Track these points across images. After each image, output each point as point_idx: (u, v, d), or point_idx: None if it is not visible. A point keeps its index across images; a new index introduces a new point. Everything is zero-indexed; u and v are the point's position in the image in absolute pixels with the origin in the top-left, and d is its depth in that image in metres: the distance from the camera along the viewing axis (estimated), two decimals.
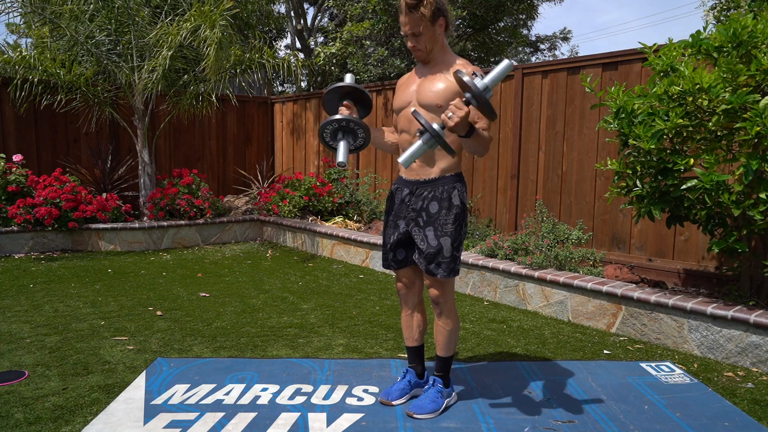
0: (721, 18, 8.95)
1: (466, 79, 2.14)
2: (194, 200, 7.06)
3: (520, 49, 16.65)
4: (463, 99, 2.18)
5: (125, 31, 6.96)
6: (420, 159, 2.55)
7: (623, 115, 3.60)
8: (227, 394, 2.82)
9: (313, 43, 13.65)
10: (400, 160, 2.21)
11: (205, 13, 6.25)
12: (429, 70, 2.57)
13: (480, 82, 2.13)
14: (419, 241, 2.57)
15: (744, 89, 3.09)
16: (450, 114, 2.15)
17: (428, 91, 2.51)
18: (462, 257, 4.83)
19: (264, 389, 2.88)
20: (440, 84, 2.48)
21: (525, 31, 14.20)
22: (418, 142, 2.19)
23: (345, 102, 2.58)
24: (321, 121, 8.23)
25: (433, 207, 2.54)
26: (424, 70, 2.60)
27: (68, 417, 2.56)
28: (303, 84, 11.97)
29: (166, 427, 2.49)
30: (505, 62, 2.14)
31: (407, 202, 2.62)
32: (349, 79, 2.59)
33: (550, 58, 16.89)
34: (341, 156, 2.45)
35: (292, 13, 13.40)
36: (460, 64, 2.51)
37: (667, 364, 3.31)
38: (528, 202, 5.65)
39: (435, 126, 2.17)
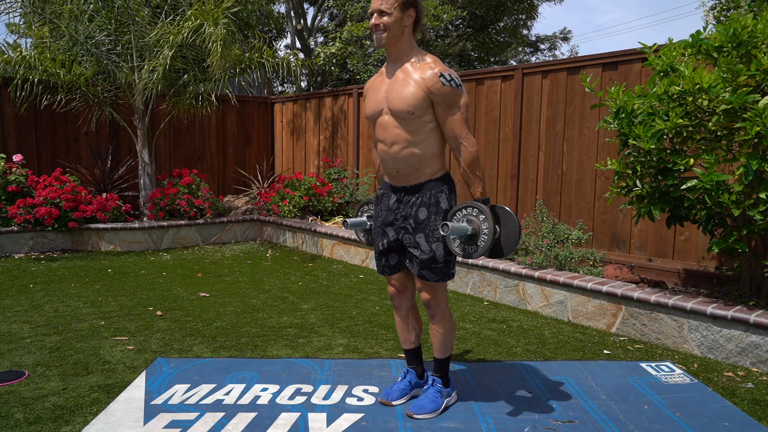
0: (721, 18, 8.95)
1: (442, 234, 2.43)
2: (194, 200, 7.06)
3: (520, 49, 16.64)
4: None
5: (125, 31, 6.96)
6: (405, 166, 2.49)
7: (623, 115, 3.60)
8: (227, 394, 2.82)
9: (313, 43, 13.65)
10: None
11: (206, 11, 6.26)
12: (396, 69, 2.49)
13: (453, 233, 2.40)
14: (411, 248, 2.53)
15: (744, 89, 3.09)
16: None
17: (398, 97, 2.43)
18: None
19: (264, 389, 2.88)
20: (410, 88, 2.40)
21: (525, 31, 14.21)
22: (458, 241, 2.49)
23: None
24: (321, 121, 8.22)
25: (422, 213, 2.49)
26: (391, 68, 2.52)
27: (68, 417, 2.56)
28: (303, 84, 11.97)
29: (166, 427, 2.49)
30: (464, 226, 2.42)
31: (394, 209, 2.57)
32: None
33: (550, 58, 16.89)
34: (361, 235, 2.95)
35: (292, 13, 13.40)
36: (430, 62, 2.43)
37: (667, 364, 3.31)
38: (528, 202, 5.65)
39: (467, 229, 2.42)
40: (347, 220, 2.77)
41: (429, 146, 2.47)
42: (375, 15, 2.43)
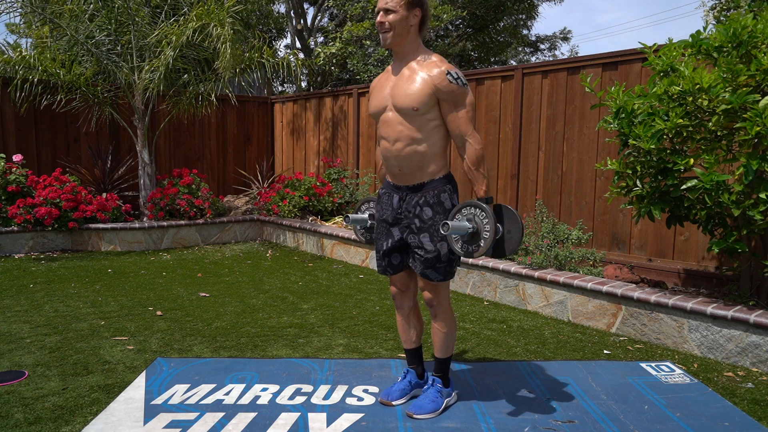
0: (721, 18, 8.95)
1: (443, 233, 2.37)
2: (194, 200, 7.06)
3: (520, 49, 16.64)
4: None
5: (125, 31, 6.96)
6: (408, 164, 2.49)
7: (623, 115, 3.60)
8: (227, 394, 2.82)
9: (313, 43, 13.65)
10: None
11: (210, 11, 6.26)
12: (402, 67, 2.50)
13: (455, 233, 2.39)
14: (416, 248, 2.54)
15: (744, 89, 3.09)
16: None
17: (403, 94, 2.44)
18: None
19: (264, 389, 2.88)
20: (415, 85, 2.41)
21: (525, 31, 14.20)
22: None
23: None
24: (321, 121, 8.22)
25: (426, 213, 2.49)
26: (397, 66, 2.53)
27: (68, 417, 2.56)
28: (303, 84, 11.97)
29: (166, 427, 2.49)
30: (464, 224, 2.40)
31: (397, 208, 2.58)
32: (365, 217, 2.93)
33: (550, 58, 16.88)
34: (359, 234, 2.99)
35: (292, 13, 13.39)
36: (436, 61, 2.45)
37: (667, 364, 3.31)
38: (528, 202, 5.65)
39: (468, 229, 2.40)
40: (349, 215, 2.80)
41: (432, 144, 2.47)
42: (381, 13, 2.45)
